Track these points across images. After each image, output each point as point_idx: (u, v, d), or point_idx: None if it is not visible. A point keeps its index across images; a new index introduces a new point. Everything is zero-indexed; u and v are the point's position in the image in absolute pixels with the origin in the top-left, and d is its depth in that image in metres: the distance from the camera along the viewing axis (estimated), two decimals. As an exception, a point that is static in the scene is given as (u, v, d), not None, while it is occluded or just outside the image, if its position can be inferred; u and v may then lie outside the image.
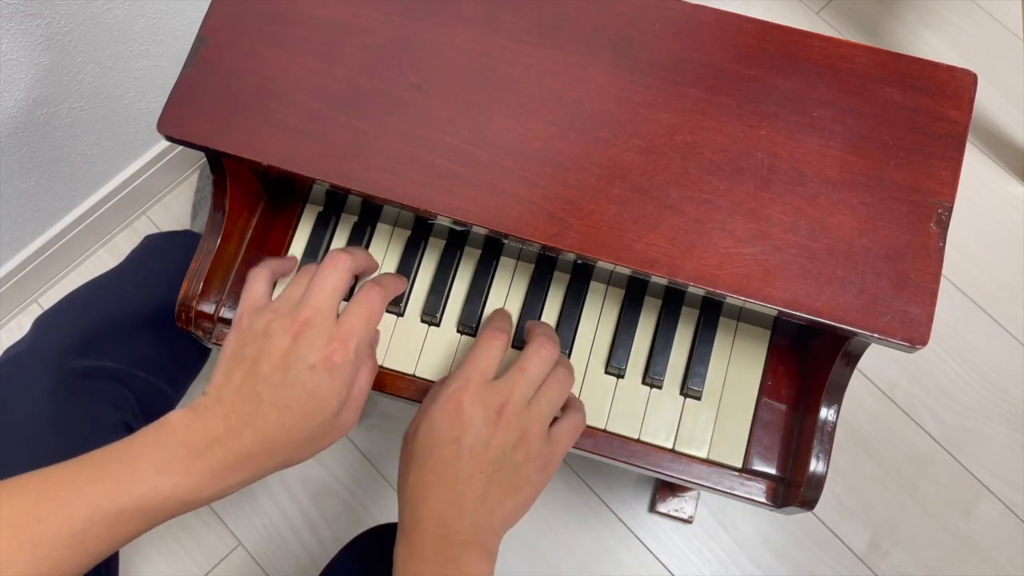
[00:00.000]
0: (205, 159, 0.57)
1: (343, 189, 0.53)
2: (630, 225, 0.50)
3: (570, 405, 0.54)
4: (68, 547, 0.43)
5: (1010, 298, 1.09)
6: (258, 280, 0.53)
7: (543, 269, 0.62)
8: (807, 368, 0.59)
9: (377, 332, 0.57)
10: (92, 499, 0.44)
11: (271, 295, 0.53)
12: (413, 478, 0.49)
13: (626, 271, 0.51)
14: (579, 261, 0.60)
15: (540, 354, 0.51)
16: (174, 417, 0.47)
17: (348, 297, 0.61)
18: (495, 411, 0.49)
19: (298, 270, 0.57)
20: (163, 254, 0.83)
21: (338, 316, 0.50)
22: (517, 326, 0.61)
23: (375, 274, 0.61)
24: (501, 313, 0.57)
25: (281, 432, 0.47)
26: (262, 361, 0.48)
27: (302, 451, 0.49)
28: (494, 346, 0.52)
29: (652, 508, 1.02)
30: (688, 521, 1.00)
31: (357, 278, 0.61)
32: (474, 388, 0.49)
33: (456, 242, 0.63)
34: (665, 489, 1.01)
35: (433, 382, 0.60)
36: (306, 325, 0.48)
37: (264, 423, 0.47)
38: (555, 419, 0.53)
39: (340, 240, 0.64)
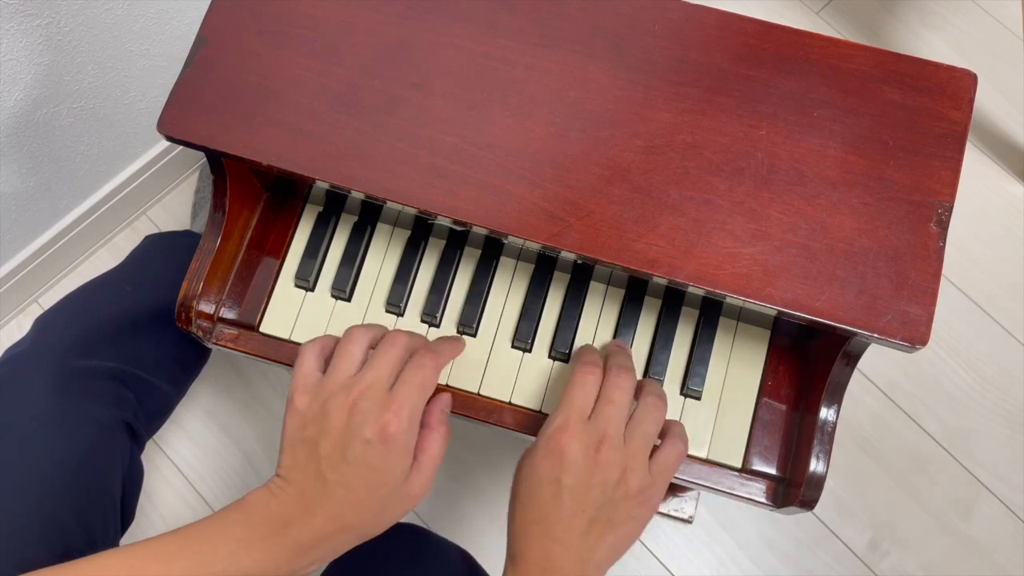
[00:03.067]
0: (205, 159, 0.57)
1: (343, 189, 0.53)
2: (630, 225, 0.50)
3: (671, 432, 0.54)
4: None
5: (1010, 298, 1.09)
6: (308, 357, 0.53)
7: (543, 269, 0.62)
8: (807, 368, 0.59)
9: (449, 396, 0.57)
10: (176, 571, 0.45)
11: (322, 371, 0.53)
12: (519, 514, 0.51)
13: (626, 271, 0.51)
14: (579, 261, 0.60)
15: (619, 382, 0.52)
16: (252, 496, 0.49)
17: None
18: (593, 449, 0.50)
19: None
20: (163, 254, 0.83)
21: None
22: (516, 327, 0.61)
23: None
24: (590, 348, 0.57)
25: (350, 509, 0.48)
26: (322, 441, 0.49)
27: (377, 523, 0.50)
28: (588, 382, 0.52)
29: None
30: (688, 521, 1.00)
31: None
32: (573, 428, 0.50)
33: (456, 242, 0.63)
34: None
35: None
36: (360, 399, 0.49)
37: (333, 502, 0.48)
38: (656, 448, 0.53)
39: (340, 240, 0.64)
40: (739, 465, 0.58)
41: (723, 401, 0.59)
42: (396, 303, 0.61)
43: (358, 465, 0.48)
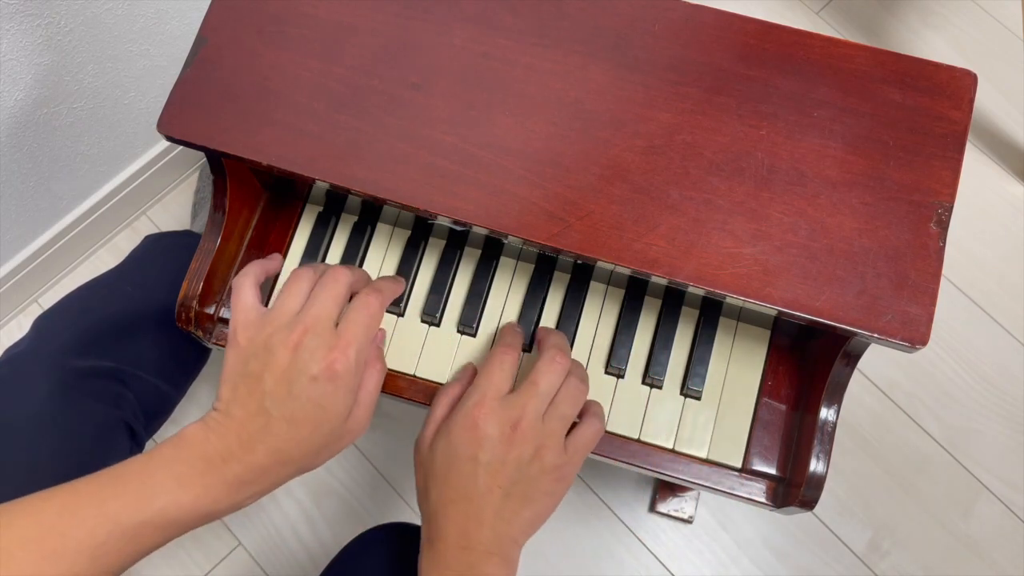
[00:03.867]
0: (205, 159, 0.57)
1: (343, 189, 0.53)
2: (630, 225, 0.50)
3: (588, 412, 0.55)
4: (89, 560, 0.44)
5: (1010, 298, 1.09)
6: (244, 290, 0.52)
7: (543, 269, 0.62)
8: (807, 368, 0.59)
9: (382, 331, 0.58)
10: (113, 513, 0.45)
11: (262, 302, 0.53)
12: (435, 494, 0.51)
13: (626, 271, 0.51)
14: (579, 261, 0.60)
15: (551, 367, 0.52)
16: (189, 432, 0.48)
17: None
18: (510, 427, 0.50)
19: (285, 273, 0.57)
20: (163, 254, 0.83)
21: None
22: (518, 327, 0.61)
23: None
24: (510, 328, 0.58)
25: (292, 444, 0.48)
26: (266, 376, 0.48)
27: (316, 459, 0.50)
28: (506, 361, 0.53)
29: (652, 508, 1.01)
30: (688, 521, 1.00)
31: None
32: (489, 404, 0.51)
33: (456, 242, 0.63)
34: (665, 489, 1.01)
35: (433, 382, 0.60)
36: (305, 335, 0.49)
37: (275, 437, 0.48)
38: (574, 426, 0.53)
39: (340, 240, 0.64)
40: (739, 465, 0.58)
41: (723, 401, 0.59)
42: (396, 303, 0.61)
43: (304, 401, 0.48)
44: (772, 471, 0.58)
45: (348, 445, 0.52)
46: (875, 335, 0.48)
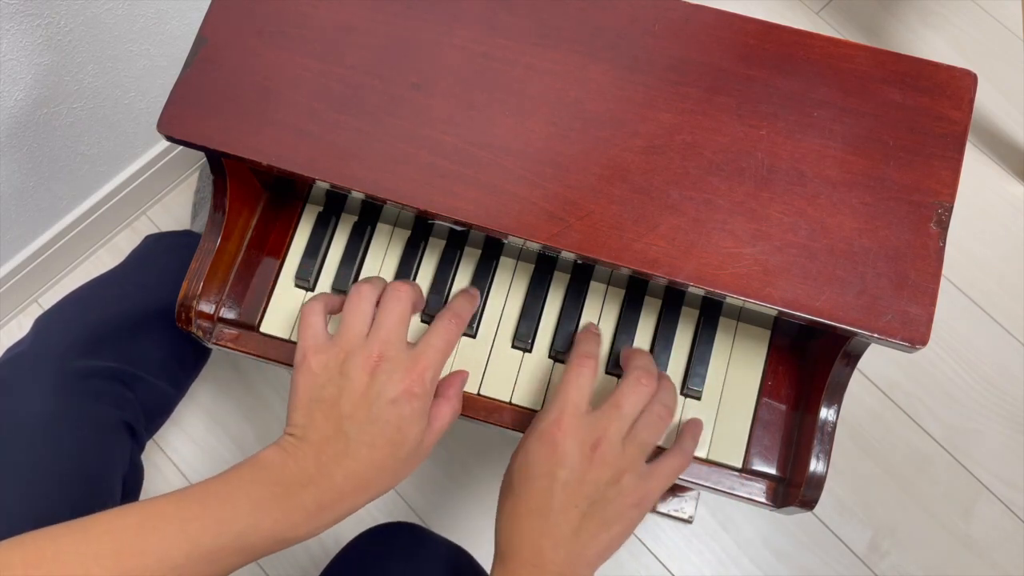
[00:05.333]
0: (205, 159, 0.57)
1: (343, 189, 0.53)
2: (630, 225, 0.50)
3: (677, 444, 0.54)
4: None
5: (1010, 298, 1.09)
6: (314, 316, 0.53)
7: (543, 269, 0.62)
8: (807, 368, 0.59)
9: (467, 373, 0.58)
10: (193, 534, 0.45)
11: (328, 330, 0.54)
12: (509, 507, 0.50)
13: (626, 271, 0.51)
14: (579, 261, 0.60)
15: (636, 389, 0.52)
16: (266, 455, 0.49)
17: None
18: (589, 447, 0.49)
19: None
20: (163, 254, 0.83)
21: (408, 343, 0.52)
22: (517, 327, 0.61)
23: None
24: (586, 336, 0.56)
25: (371, 468, 0.49)
26: (343, 401, 0.49)
27: (388, 484, 0.50)
28: (583, 374, 0.52)
29: (652, 508, 1.01)
30: (688, 521, 1.00)
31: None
32: (568, 422, 0.50)
33: (456, 242, 0.63)
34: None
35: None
36: (381, 360, 0.50)
37: (354, 461, 0.48)
38: (659, 454, 0.53)
39: (340, 240, 0.64)
40: (739, 465, 0.58)
41: (723, 401, 0.59)
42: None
43: (383, 424, 0.48)
44: (772, 471, 0.58)
45: (411, 472, 0.52)
46: (875, 335, 0.48)
